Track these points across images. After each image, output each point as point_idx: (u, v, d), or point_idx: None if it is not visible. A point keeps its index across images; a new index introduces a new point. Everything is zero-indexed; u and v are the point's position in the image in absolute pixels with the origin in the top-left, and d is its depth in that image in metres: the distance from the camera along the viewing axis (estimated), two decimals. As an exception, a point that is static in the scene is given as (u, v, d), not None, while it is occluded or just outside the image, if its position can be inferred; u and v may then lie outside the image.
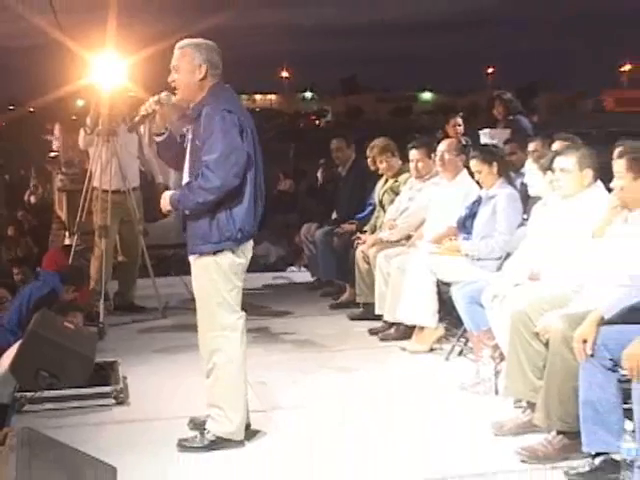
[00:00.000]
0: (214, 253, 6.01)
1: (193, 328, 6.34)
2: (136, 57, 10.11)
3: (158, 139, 6.31)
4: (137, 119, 6.36)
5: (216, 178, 5.83)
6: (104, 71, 9.90)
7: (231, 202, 5.97)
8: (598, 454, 5.43)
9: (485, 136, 11.44)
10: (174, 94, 6.15)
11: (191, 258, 6.17)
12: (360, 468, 5.77)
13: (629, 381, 5.14)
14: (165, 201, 6.18)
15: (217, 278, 6.06)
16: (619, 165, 5.89)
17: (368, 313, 9.46)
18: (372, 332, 9.15)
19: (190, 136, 6.12)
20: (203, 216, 5.98)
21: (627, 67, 62.91)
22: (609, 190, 6.19)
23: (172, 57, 6.11)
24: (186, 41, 6.11)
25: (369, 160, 10.51)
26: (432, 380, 7.64)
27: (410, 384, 7.58)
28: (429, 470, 5.69)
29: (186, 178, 6.13)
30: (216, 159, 5.83)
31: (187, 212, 6.09)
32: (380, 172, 10.44)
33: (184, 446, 6.06)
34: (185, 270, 6.42)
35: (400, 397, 7.21)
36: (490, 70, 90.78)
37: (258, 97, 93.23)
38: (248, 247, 6.22)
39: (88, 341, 7.87)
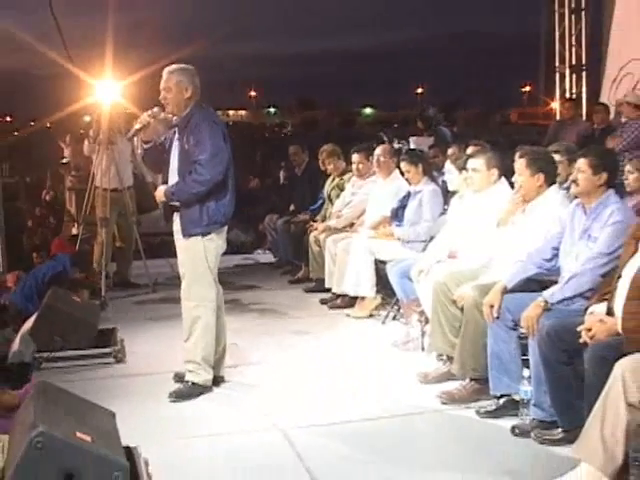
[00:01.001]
0: (203, 235, 6.06)
1: (177, 300, 6.35)
2: (130, 80, 10.08)
3: (146, 146, 6.35)
4: (135, 129, 6.35)
5: (206, 173, 5.92)
6: (104, 92, 9.93)
7: (218, 193, 6.05)
8: (502, 396, 5.51)
9: (413, 142, 11.52)
10: (164, 109, 6.18)
11: (181, 239, 6.18)
12: (311, 409, 5.82)
13: (526, 338, 5.21)
14: (160, 194, 6.22)
15: (203, 256, 6.10)
16: (519, 165, 5.95)
17: (319, 286, 9.43)
18: (323, 302, 9.15)
19: (177, 142, 6.14)
20: (195, 205, 6.03)
21: (527, 88, 63.23)
22: (512, 186, 6.26)
23: (161, 79, 6.13)
24: (175, 66, 6.15)
25: (320, 162, 10.53)
26: (371, 340, 7.66)
27: (353, 343, 7.61)
28: (368, 411, 5.73)
29: (174, 177, 6.14)
30: (206, 158, 5.92)
31: (179, 203, 6.12)
32: (328, 172, 10.45)
33: (172, 395, 6.07)
34: (170, 253, 6.41)
35: (345, 353, 7.25)
36: (419, 90, 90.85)
37: (231, 112, 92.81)
38: (225, 232, 6.28)
39: (92, 312, 7.89)
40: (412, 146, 10.98)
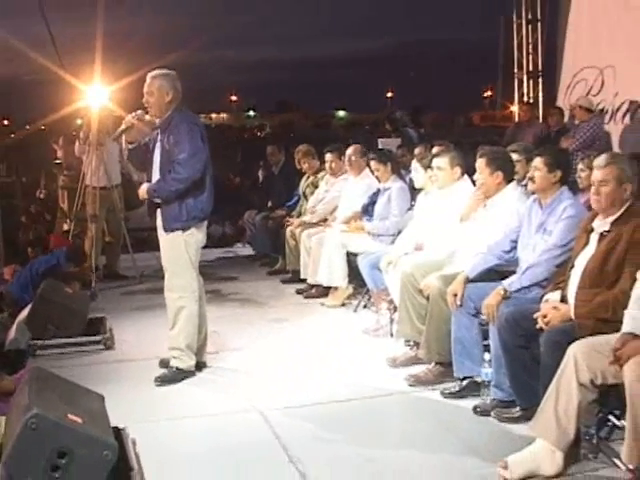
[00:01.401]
0: (183, 230, 6.04)
1: (163, 291, 6.31)
2: (118, 85, 10.06)
3: (131, 147, 6.34)
4: (120, 130, 6.34)
5: (185, 172, 5.91)
6: (94, 97, 9.94)
7: (196, 190, 6.04)
8: (465, 378, 5.55)
9: (381, 143, 11.56)
10: (147, 112, 6.16)
11: (163, 234, 6.17)
12: (287, 392, 5.83)
13: (487, 324, 5.24)
14: (142, 191, 6.21)
15: (184, 250, 6.09)
16: (480, 164, 5.98)
17: (295, 278, 9.42)
18: (298, 292, 9.14)
19: (159, 143, 6.12)
20: (175, 202, 6.02)
21: (488, 92, 63.53)
22: (474, 183, 6.29)
23: (145, 84, 6.11)
24: (157, 71, 6.13)
25: (296, 161, 10.53)
26: (343, 327, 7.67)
27: (327, 330, 7.62)
28: (340, 393, 5.75)
29: (157, 174, 6.13)
30: (185, 157, 5.91)
31: (160, 199, 6.11)
32: (304, 171, 10.45)
33: (158, 380, 6.07)
34: (156, 247, 6.41)
35: (319, 340, 7.26)
36: (389, 94, 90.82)
37: (214, 115, 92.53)
38: (205, 226, 6.26)
39: (83, 302, 7.89)
40: (380, 147, 11.00)
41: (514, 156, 6.43)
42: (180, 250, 6.09)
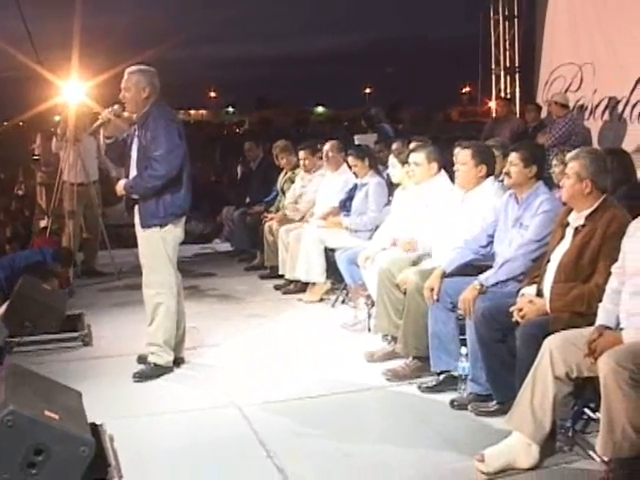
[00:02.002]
0: (160, 226, 6.03)
1: (140, 287, 6.30)
2: (96, 81, 10.02)
3: (108, 142, 6.32)
4: (96, 125, 6.33)
5: (162, 168, 5.89)
6: (71, 93, 9.90)
7: (173, 187, 6.03)
8: (442, 372, 5.56)
9: (357, 140, 11.57)
10: (124, 107, 6.14)
11: (141, 230, 6.15)
12: (266, 387, 5.83)
13: (464, 318, 5.26)
14: (120, 187, 6.21)
15: (161, 246, 6.08)
16: (464, 154, 5.98)
17: (273, 273, 9.43)
18: (277, 287, 9.13)
19: (136, 138, 6.09)
20: (152, 198, 6.00)
21: (467, 88, 63.63)
22: (451, 178, 6.31)
23: (123, 80, 6.09)
24: (135, 67, 6.10)
25: (274, 156, 10.53)
26: (321, 322, 7.68)
27: (305, 325, 7.63)
28: (318, 388, 5.76)
29: (134, 170, 6.11)
30: (162, 154, 5.89)
31: (137, 196, 6.10)
32: (281, 166, 10.45)
33: (136, 376, 6.06)
34: (135, 244, 6.39)
35: (297, 335, 7.27)
36: (368, 90, 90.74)
37: (192, 112, 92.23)
38: (183, 223, 6.25)
39: (61, 299, 7.88)
40: (357, 142, 11.02)
41: (491, 152, 6.45)
42: (158, 246, 6.08)
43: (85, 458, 3.90)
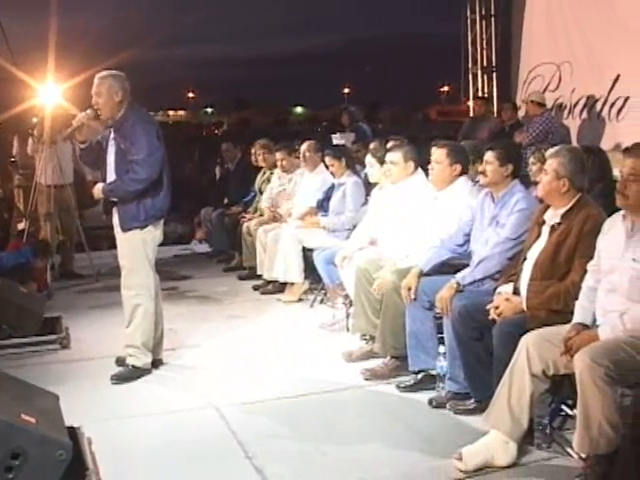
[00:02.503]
0: (141, 228, 6.02)
1: (119, 289, 6.26)
2: (72, 83, 9.98)
3: (82, 146, 6.31)
4: (70, 129, 6.30)
5: (143, 172, 5.90)
6: (47, 95, 9.85)
7: (154, 190, 6.03)
8: (420, 371, 5.58)
9: (335, 139, 11.58)
10: (97, 113, 6.11)
11: (121, 233, 6.12)
12: (244, 388, 5.83)
13: (441, 317, 5.27)
14: (97, 190, 6.19)
15: (141, 247, 6.08)
16: (439, 154, 6.01)
17: (252, 274, 9.42)
18: (255, 288, 9.12)
19: (113, 142, 6.07)
20: (132, 201, 5.99)
21: (445, 88, 63.67)
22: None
23: (94, 85, 6.07)
24: (105, 72, 6.09)
25: (252, 155, 10.52)
26: (300, 322, 7.69)
27: (284, 325, 7.63)
28: (296, 388, 5.76)
29: (112, 174, 6.08)
30: (143, 157, 5.89)
31: (117, 199, 6.08)
32: (260, 165, 10.43)
33: (114, 378, 6.04)
34: (113, 245, 6.37)
35: (276, 335, 7.26)
36: (347, 90, 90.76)
37: (171, 113, 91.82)
38: (162, 224, 6.25)
39: (39, 301, 7.82)
40: (335, 142, 11.04)
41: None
42: (137, 248, 6.07)
43: (62, 462, 3.88)
